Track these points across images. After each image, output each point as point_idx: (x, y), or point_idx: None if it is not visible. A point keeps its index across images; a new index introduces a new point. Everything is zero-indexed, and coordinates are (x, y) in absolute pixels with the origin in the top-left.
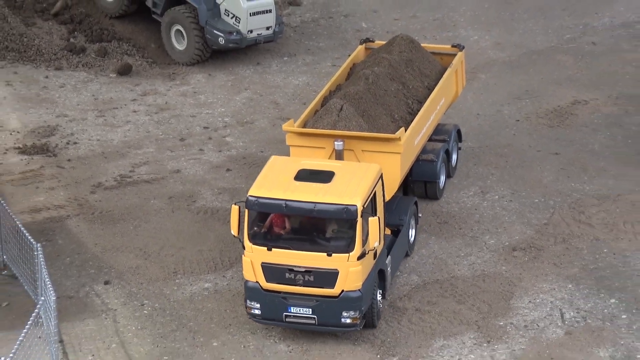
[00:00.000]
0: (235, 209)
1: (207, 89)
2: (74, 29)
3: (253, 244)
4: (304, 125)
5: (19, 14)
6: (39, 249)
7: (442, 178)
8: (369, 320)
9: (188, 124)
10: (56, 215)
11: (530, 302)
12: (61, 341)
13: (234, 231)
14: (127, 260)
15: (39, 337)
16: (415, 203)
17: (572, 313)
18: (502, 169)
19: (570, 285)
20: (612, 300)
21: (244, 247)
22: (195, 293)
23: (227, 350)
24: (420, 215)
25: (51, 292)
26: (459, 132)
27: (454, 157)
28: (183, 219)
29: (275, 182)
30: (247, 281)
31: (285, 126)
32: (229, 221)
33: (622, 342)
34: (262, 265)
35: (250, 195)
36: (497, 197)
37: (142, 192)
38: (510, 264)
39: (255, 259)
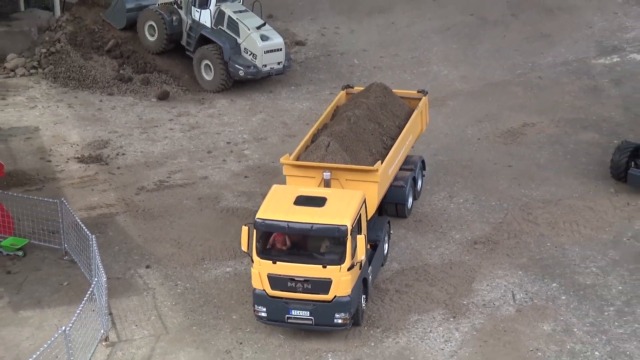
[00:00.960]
0: (245, 229)
1: (229, 112)
2: (123, 63)
3: (260, 258)
4: (298, 158)
5: (79, 50)
6: (93, 239)
7: (410, 200)
8: (356, 320)
9: (214, 140)
10: (107, 212)
11: (487, 285)
12: (110, 314)
13: (244, 248)
14: (164, 248)
15: (93, 310)
16: (388, 222)
17: (521, 294)
18: (466, 178)
19: (520, 272)
20: (554, 285)
21: (252, 261)
22: (219, 276)
23: (244, 322)
24: (391, 232)
25: (103, 274)
26: (423, 162)
27: (419, 183)
28: (209, 216)
29: (278, 207)
30: (255, 289)
31: (282, 159)
32: (244, 222)
33: (561, 318)
34: (268, 276)
35: (258, 218)
36: (462, 200)
37: (176, 194)
38: (472, 255)
39: (262, 270)
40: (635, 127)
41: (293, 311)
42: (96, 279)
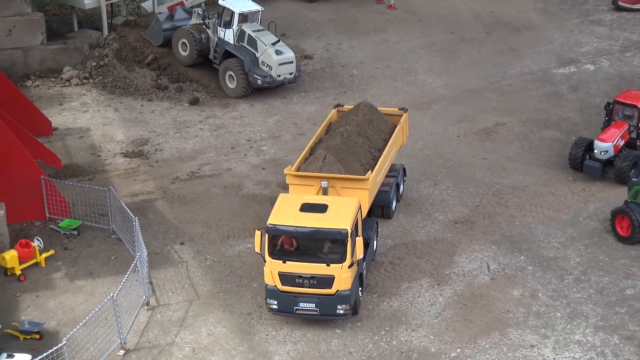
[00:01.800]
0: (258, 233)
1: (249, 114)
2: (160, 74)
3: (272, 258)
4: (298, 169)
5: (123, 63)
6: (136, 220)
7: (394, 203)
8: (355, 310)
9: (237, 137)
10: (148, 198)
11: (466, 258)
12: (151, 283)
13: (257, 249)
14: (195, 228)
15: (136, 280)
16: (377, 222)
17: (494, 265)
18: (448, 168)
19: (493, 247)
20: (522, 257)
21: (264, 261)
22: (242, 251)
23: (263, 289)
24: (379, 231)
25: (144, 249)
26: (404, 170)
27: (402, 187)
28: (233, 201)
29: (287, 213)
30: (267, 285)
31: (286, 170)
32: (257, 234)
33: (528, 285)
34: (278, 274)
35: (269, 224)
36: (444, 187)
37: (205, 183)
38: (453, 232)
39: (273, 269)
40: (589, 126)
41: (301, 304)
42: (139, 254)
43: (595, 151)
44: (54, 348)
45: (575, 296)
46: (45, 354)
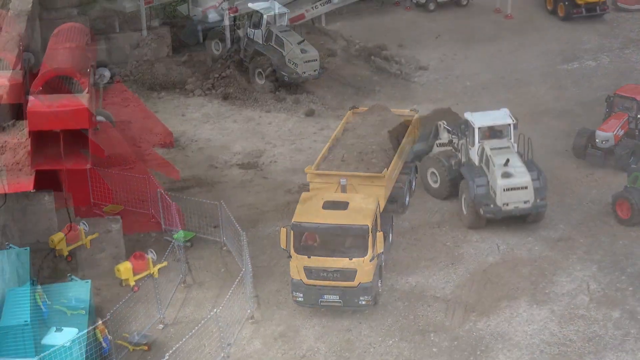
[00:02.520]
0: (283, 230)
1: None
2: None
3: (297, 254)
4: (318, 168)
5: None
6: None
7: (407, 198)
8: (375, 300)
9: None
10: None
11: (476, 240)
12: (187, 263)
13: (283, 246)
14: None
15: (177, 260)
16: (392, 217)
17: (504, 246)
18: None
19: (503, 228)
20: (529, 238)
21: (290, 256)
22: (271, 233)
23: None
24: (394, 223)
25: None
26: (416, 167)
27: (414, 183)
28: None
29: (310, 211)
30: (293, 279)
31: (307, 169)
32: (282, 231)
33: (536, 264)
34: (304, 268)
35: (294, 221)
36: None
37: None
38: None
39: (299, 263)
40: (591, 118)
41: (325, 296)
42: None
43: (597, 140)
44: (98, 322)
45: (580, 274)
46: (90, 327)
